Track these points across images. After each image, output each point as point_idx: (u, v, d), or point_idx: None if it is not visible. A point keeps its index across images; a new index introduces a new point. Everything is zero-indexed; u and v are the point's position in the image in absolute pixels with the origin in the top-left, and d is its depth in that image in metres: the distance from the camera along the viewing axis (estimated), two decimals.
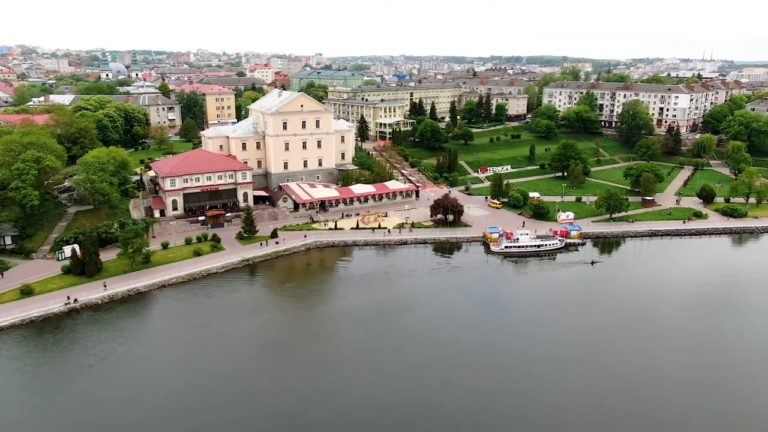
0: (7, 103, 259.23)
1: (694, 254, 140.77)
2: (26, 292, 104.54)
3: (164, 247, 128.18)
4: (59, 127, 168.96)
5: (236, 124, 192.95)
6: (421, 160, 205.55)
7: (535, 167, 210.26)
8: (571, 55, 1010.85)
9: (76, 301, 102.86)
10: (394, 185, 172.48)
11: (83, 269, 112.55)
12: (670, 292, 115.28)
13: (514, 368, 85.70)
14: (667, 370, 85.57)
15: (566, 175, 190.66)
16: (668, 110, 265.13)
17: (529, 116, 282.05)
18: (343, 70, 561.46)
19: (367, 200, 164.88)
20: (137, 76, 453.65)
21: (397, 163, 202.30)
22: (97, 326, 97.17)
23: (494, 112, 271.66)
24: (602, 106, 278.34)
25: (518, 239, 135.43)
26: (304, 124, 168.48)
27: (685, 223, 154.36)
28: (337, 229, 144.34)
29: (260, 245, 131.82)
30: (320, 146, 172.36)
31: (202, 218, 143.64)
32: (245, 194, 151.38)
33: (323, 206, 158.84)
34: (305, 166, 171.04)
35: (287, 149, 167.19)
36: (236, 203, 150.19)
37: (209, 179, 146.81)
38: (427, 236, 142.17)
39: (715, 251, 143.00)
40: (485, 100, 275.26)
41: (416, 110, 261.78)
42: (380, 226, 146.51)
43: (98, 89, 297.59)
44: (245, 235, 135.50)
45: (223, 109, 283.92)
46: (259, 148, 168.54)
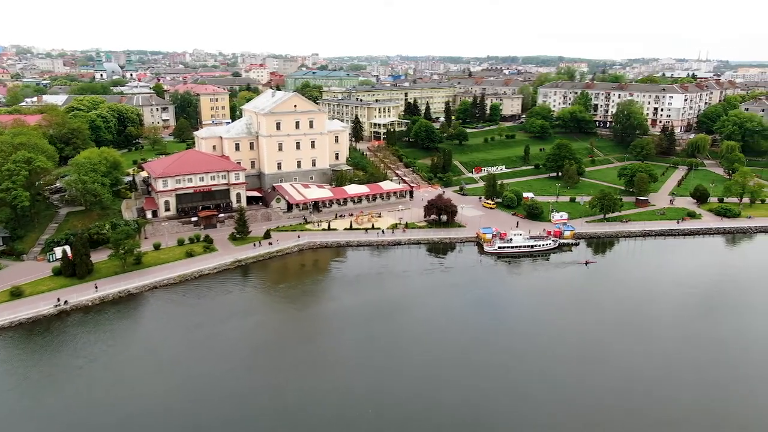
0: None
1: (687, 254, 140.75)
2: (16, 293, 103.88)
3: (156, 248, 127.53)
4: (51, 127, 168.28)
5: (230, 124, 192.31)
6: (415, 160, 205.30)
7: (529, 167, 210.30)
8: (568, 55, 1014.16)
9: (66, 302, 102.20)
10: (388, 186, 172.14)
11: (74, 271, 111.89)
12: (665, 292, 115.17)
13: (510, 368, 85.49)
14: (663, 369, 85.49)
15: (560, 175, 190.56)
16: (662, 110, 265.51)
17: (523, 116, 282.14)
18: (338, 70, 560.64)
19: (360, 201, 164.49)
20: (132, 76, 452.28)
21: (391, 163, 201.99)
22: (87, 328, 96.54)
23: (489, 112, 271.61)
24: (597, 106, 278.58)
25: (511, 239, 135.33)
26: (297, 124, 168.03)
27: (678, 223, 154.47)
28: (330, 229, 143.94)
29: (253, 246, 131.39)
30: (314, 146, 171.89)
31: (194, 219, 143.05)
32: (238, 195, 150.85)
33: (317, 207, 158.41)
34: (299, 166, 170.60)
35: (281, 150, 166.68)
36: (229, 204, 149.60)
37: (202, 180, 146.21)
38: (420, 237, 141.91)
39: (708, 251, 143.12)
40: (480, 100, 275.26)
41: (411, 110, 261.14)
42: (374, 226, 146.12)
43: (92, 89, 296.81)
44: (238, 236, 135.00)
45: (217, 109, 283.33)
46: (252, 148, 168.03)
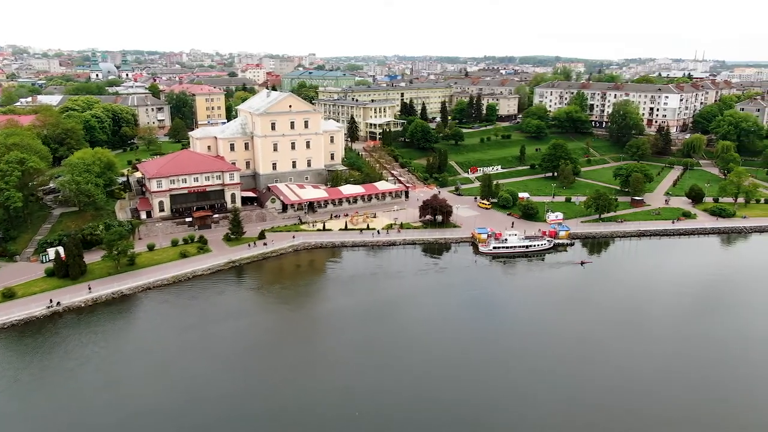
0: None
1: (683, 254, 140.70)
2: (8, 295, 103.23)
3: (150, 249, 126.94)
4: (45, 128, 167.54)
5: (225, 124, 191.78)
6: (411, 160, 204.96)
7: (525, 167, 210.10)
8: (565, 55, 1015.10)
9: (58, 304, 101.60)
10: (383, 186, 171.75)
11: (67, 272, 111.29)
12: (660, 291, 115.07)
13: (508, 368, 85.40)
14: (661, 368, 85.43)
15: (556, 175, 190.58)
16: (658, 110, 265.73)
17: (519, 116, 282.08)
18: (335, 70, 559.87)
19: (356, 201, 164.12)
20: (127, 76, 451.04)
21: (387, 163, 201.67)
22: (79, 329, 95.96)
23: (485, 112, 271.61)
24: (593, 106, 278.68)
25: (507, 240, 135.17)
26: (292, 124, 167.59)
27: (674, 223, 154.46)
28: (325, 230, 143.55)
29: (248, 246, 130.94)
30: (309, 147, 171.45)
31: (189, 220, 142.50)
32: (233, 195, 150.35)
33: (312, 207, 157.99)
34: (294, 166, 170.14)
35: (276, 150, 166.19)
36: (224, 204, 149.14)
37: (196, 180, 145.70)
38: (415, 237, 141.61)
39: (704, 251, 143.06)
40: (476, 100, 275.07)
41: (407, 110, 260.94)
42: (369, 227, 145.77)
43: (87, 89, 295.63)
44: (232, 236, 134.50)
45: (213, 109, 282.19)
46: (247, 148, 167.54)
